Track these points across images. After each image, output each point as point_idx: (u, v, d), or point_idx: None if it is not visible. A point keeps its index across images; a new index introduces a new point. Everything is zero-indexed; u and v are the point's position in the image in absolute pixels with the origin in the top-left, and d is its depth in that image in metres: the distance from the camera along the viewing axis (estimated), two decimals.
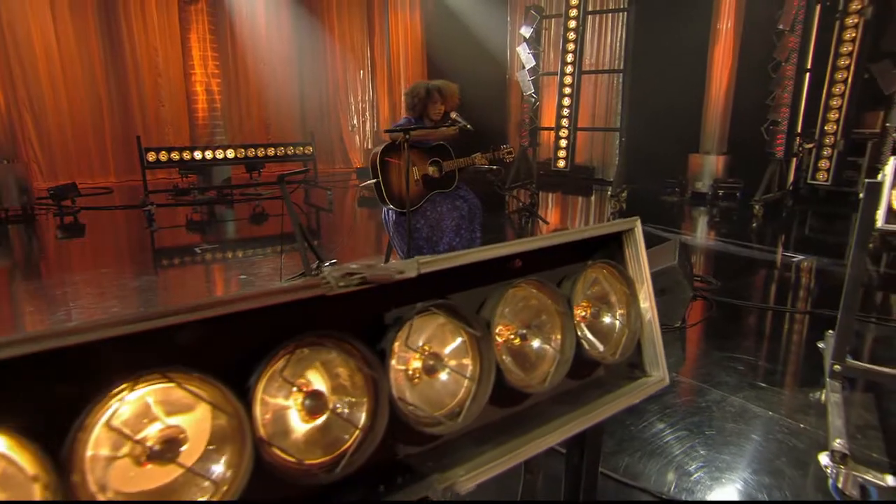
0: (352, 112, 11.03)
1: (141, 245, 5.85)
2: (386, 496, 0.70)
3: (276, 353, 0.62)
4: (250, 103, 9.45)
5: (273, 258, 5.18)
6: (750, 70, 7.42)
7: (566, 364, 0.87)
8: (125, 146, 8.23)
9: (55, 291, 4.17)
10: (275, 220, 6.76)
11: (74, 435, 0.52)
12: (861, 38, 6.60)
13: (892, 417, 2.64)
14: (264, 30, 9.24)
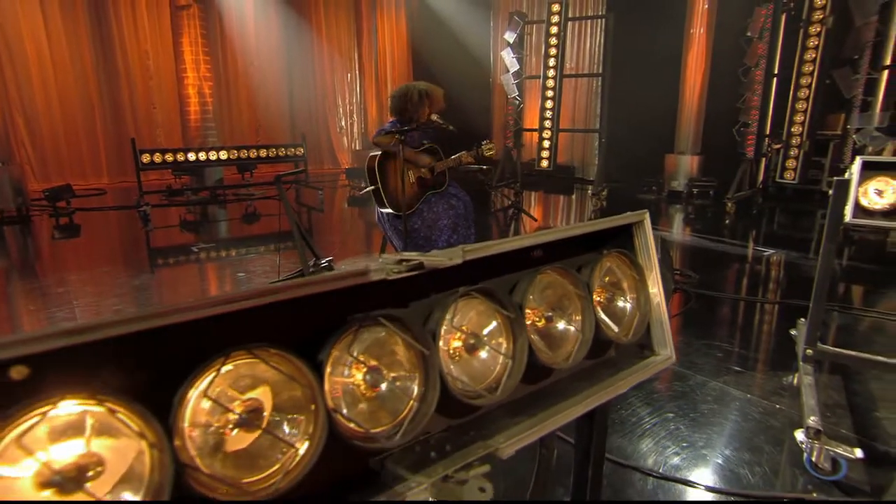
0: (340, 114, 11.02)
1: (139, 244, 5.80)
2: (438, 461, 0.75)
3: (344, 331, 0.68)
4: (241, 106, 9.39)
5: (267, 256, 5.19)
6: (721, 75, 7.61)
7: (587, 344, 0.93)
8: (117, 148, 8.13)
9: (57, 290, 4.13)
10: (266, 220, 6.75)
11: (177, 403, 0.56)
12: (823, 45, 6.82)
13: (857, 397, 2.77)
14: (254, 34, 9.18)
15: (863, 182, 2.38)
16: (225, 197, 7.74)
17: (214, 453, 0.59)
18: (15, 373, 0.54)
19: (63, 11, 7.56)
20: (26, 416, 0.50)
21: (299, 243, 4.33)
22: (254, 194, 7.73)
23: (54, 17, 7.50)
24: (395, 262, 0.72)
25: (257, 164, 7.59)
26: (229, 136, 9.02)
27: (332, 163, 10.99)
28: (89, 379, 0.54)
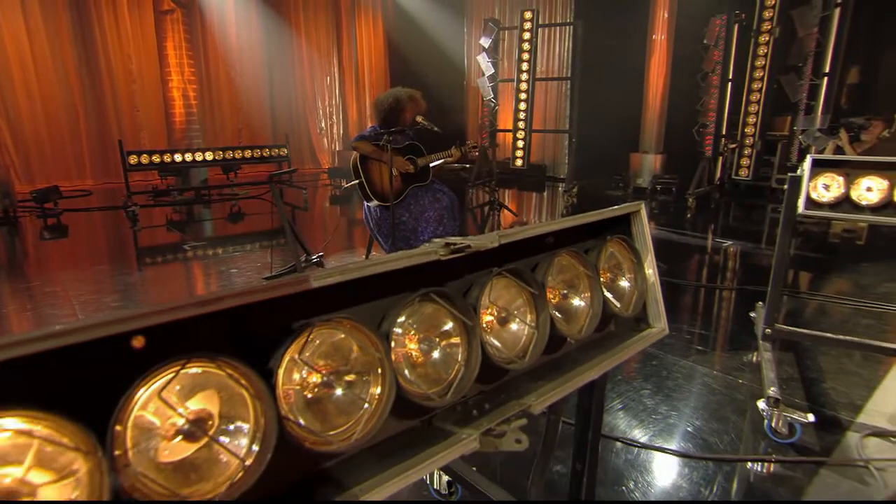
0: (320, 115, 10.94)
1: (130, 244, 5.70)
2: (480, 418, 0.84)
3: (405, 305, 0.76)
4: (223, 108, 9.24)
5: (255, 253, 5.18)
6: (682, 79, 7.87)
7: (597, 317, 1.03)
8: (101, 150, 7.93)
9: (55, 288, 4.05)
10: (252, 219, 6.70)
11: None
12: (771, 53, 7.14)
13: (808, 370, 2.97)
14: (236, 38, 9.05)
15: (813, 178, 2.56)
16: (210, 197, 7.64)
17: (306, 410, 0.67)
18: (135, 341, 0.61)
19: (45, 14, 7.31)
20: (162, 373, 0.56)
21: (291, 240, 4.35)
22: (238, 194, 7.65)
23: (36, 20, 7.25)
24: (443, 246, 0.80)
25: (241, 165, 7.51)
26: (212, 138, 8.88)
27: (314, 163, 10.92)
28: (204, 346, 0.61)
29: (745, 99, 7.30)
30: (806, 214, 2.54)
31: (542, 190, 9.44)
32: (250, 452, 0.61)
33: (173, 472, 0.57)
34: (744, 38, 7.42)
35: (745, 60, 7.35)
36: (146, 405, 0.56)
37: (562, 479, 2.04)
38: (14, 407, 0.49)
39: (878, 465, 2.12)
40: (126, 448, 0.55)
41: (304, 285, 0.66)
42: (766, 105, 7.21)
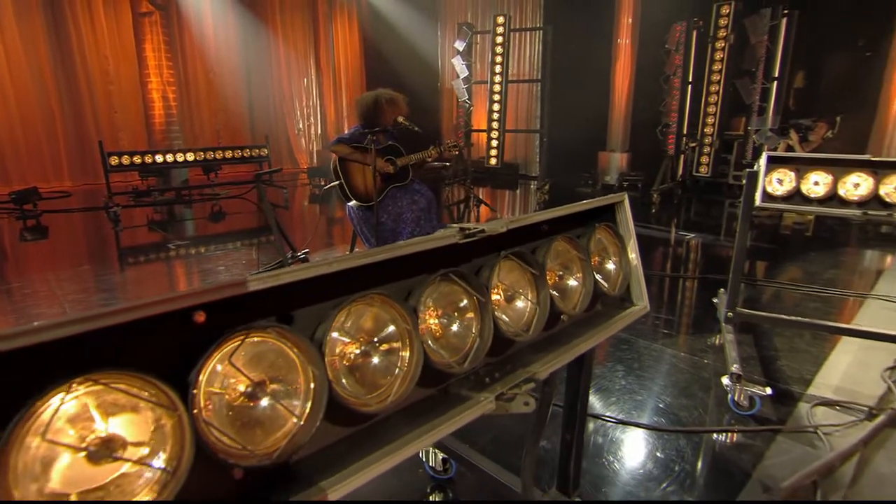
0: (297, 116, 10.84)
1: (112, 244, 5.57)
2: (492, 384, 0.92)
3: (428, 283, 0.83)
4: (202, 109, 9.06)
5: (239, 251, 5.15)
6: (646, 81, 8.11)
7: (588, 296, 1.13)
8: (79, 151, 7.68)
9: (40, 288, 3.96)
10: (233, 218, 6.63)
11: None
12: (726, 58, 7.43)
13: (765, 349, 3.16)
14: (213, 39, 8.88)
15: (768, 173, 2.73)
16: (191, 197, 7.51)
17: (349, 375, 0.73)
18: (198, 316, 0.67)
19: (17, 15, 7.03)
20: (230, 341, 0.62)
21: (278, 237, 4.34)
22: (219, 194, 7.55)
23: (9, 19, 6.97)
24: (459, 231, 0.88)
25: (222, 165, 7.41)
26: (192, 139, 8.71)
27: (292, 163, 10.82)
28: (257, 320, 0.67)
29: (704, 101, 7.58)
30: (762, 206, 2.71)
31: (516, 188, 9.58)
32: (304, 411, 0.67)
33: (241, 428, 0.63)
34: (702, 43, 7.70)
35: (703, 64, 7.63)
36: (217, 369, 0.62)
37: (547, 454, 2.13)
38: (114, 369, 0.54)
39: (825, 430, 2.30)
40: (201, 406, 0.60)
41: (351, 262, 0.72)
42: (723, 106, 7.50)
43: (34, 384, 0.51)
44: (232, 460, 0.61)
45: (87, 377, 0.53)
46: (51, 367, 0.52)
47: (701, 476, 2.11)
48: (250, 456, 0.63)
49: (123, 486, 0.55)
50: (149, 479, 0.56)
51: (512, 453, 2.11)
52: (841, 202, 2.61)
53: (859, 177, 2.55)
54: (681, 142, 7.84)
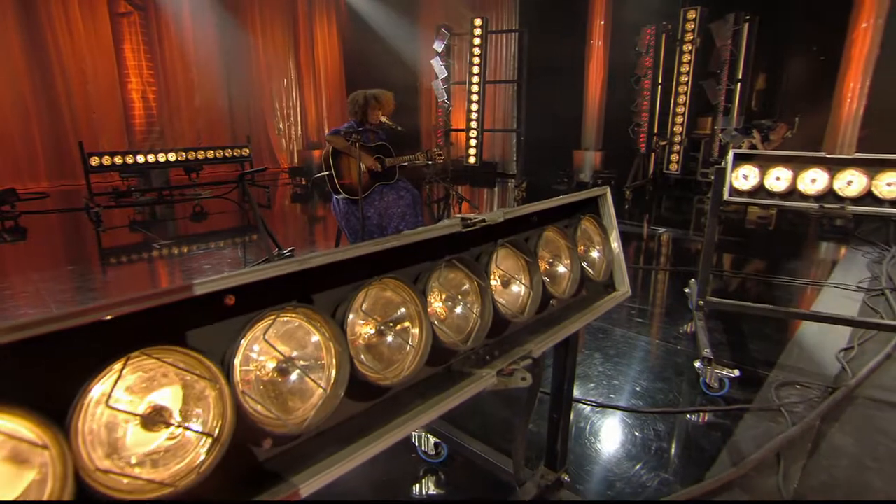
0: (278, 117, 10.74)
1: (95, 245, 5.46)
2: (491, 362, 0.99)
3: (434, 269, 0.89)
4: (182, 110, 8.90)
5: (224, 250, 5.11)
6: (618, 83, 8.30)
7: (576, 282, 1.20)
8: (56, 152, 7.47)
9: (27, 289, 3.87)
10: (216, 218, 6.56)
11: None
12: (694, 60, 7.66)
13: (733, 335, 3.31)
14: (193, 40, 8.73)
15: (734, 169, 2.87)
16: (172, 197, 7.40)
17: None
18: (228, 299, 0.71)
19: None
20: (264, 320, 0.67)
21: (263, 235, 4.34)
22: (200, 194, 7.45)
23: None
24: (460, 221, 0.94)
25: (204, 165, 7.31)
26: (172, 140, 8.56)
27: (273, 163, 10.72)
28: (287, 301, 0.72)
29: (673, 101, 7.80)
30: (730, 200, 2.85)
31: (494, 185, 9.69)
32: (330, 384, 0.72)
33: (274, 400, 0.68)
34: (670, 46, 7.92)
35: (671, 66, 7.85)
36: (252, 345, 0.67)
37: (532, 437, 2.22)
38: (164, 345, 0.59)
39: (787, 407, 2.44)
40: (237, 380, 0.65)
41: (366, 249, 0.78)
42: (691, 107, 7.74)
43: (97, 358, 0.55)
44: (268, 429, 0.67)
45: (142, 352, 0.57)
46: (111, 343, 0.57)
47: (675, 453, 2.22)
48: (283, 425, 0.68)
49: (174, 451, 0.60)
50: (196, 444, 0.61)
51: (499, 437, 2.19)
52: (800, 196, 2.76)
53: (816, 172, 2.70)
54: (652, 140, 8.05)
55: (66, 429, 0.52)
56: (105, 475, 0.55)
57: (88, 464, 0.54)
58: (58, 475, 0.52)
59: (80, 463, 0.53)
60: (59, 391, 0.54)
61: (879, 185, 2.54)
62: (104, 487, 0.54)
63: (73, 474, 0.52)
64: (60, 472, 0.52)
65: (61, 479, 0.52)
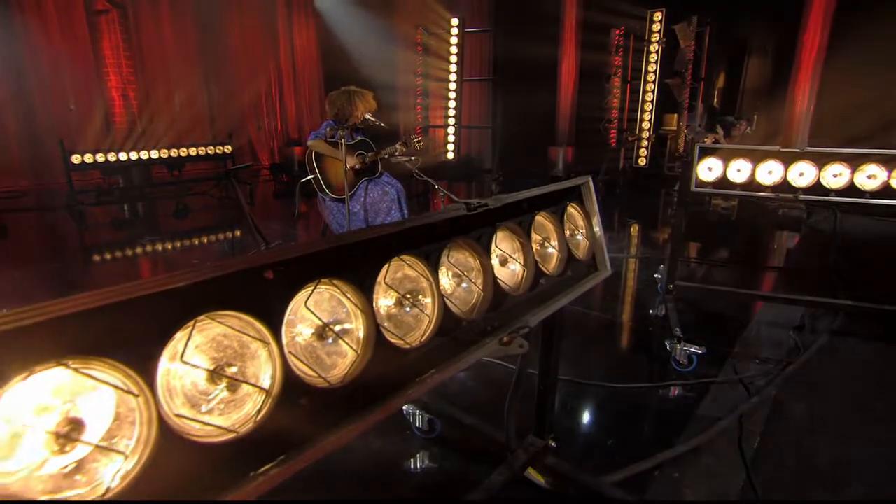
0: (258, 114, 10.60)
1: (83, 242, 5.35)
2: (493, 332, 1.09)
3: (445, 247, 0.98)
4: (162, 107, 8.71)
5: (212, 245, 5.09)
6: (589, 81, 8.47)
7: (564, 261, 1.31)
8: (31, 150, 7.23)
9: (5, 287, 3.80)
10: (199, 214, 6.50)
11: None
12: (660, 60, 7.90)
13: (699, 316, 3.49)
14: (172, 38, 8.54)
15: (699, 162, 3.03)
16: (155, 195, 7.27)
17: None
18: (268, 274, 0.79)
19: None
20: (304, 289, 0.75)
21: (253, 229, 4.34)
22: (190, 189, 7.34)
23: None
24: (465, 204, 1.03)
25: (186, 163, 7.21)
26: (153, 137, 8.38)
27: (253, 160, 10.58)
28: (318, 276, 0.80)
29: (641, 99, 8.04)
30: (696, 191, 3.01)
31: (471, 180, 9.79)
32: (360, 346, 0.81)
33: (316, 361, 0.77)
34: (638, 46, 8.14)
35: (639, 66, 8.07)
36: (296, 311, 0.75)
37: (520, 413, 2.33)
38: (224, 309, 0.66)
39: (748, 379, 2.63)
40: (284, 343, 0.73)
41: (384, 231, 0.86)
42: (658, 104, 7.98)
43: (174, 320, 0.63)
44: (309, 385, 0.75)
45: (207, 315, 0.65)
46: (183, 307, 0.64)
47: (649, 422, 2.37)
48: (323, 382, 0.76)
49: (235, 402, 0.68)
50: (252, 396, 0.69)
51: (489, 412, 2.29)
52: (758, 187, 2.94)
53: (772, 164, 2.88)
54: (622, 136, 8.28)
55: (151, 380, 0.60)
56: (181, 420, 0.62)
57: (168, 410, 0.61)
58: (145, 419, 0.59)
59: (161, 410, 0.60)
60: (144, 348, 0.61)
61: (826, 175, 2.73)
62: (181, 431, 0.62)
63: (157, 418, 0.60)
64: (147, 417, 0.59)
65: (148, 423, 0.59)
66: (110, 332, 0.59)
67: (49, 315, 0.54)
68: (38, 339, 0.54)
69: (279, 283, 0.77)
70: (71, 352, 0.56)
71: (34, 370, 0.53)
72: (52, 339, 0.55)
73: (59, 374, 0.55)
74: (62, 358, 0.55)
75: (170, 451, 0.61)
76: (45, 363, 0.54)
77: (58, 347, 0.55)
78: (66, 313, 0.55)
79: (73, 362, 0.55)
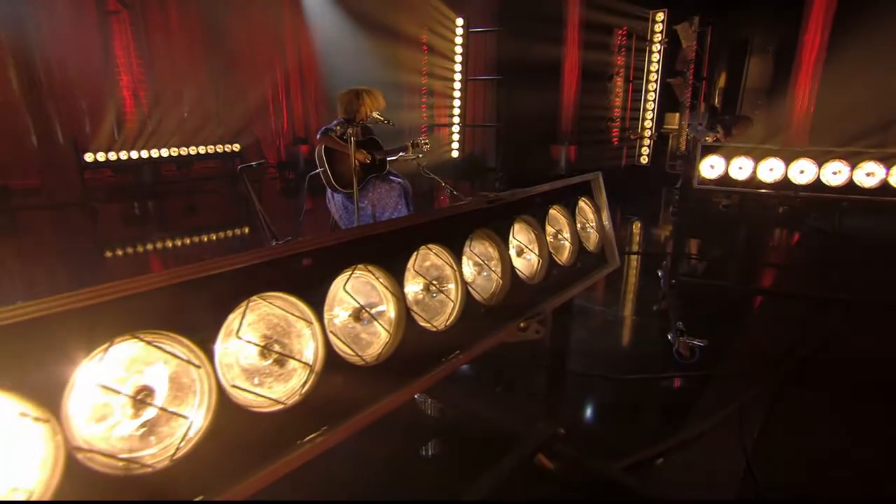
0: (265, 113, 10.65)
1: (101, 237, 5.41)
2: (511, 317, 1.14)
3: (465, 242, 1.03)
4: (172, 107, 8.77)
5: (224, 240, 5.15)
6: (592, 80, 8.49)
7: (576, 253, 1.36)
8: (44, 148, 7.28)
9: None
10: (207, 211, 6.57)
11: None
12: (662, 60, 7.93)
13: (701, 311, 3.52)
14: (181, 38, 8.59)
15: (702, 160, 3.08)
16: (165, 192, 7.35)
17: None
18: (305, 261, 0.84)
19: None
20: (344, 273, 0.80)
21: (264, 225, 4.40)
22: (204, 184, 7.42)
23: None
24: (484, 198, 1.09)
25: (195, 161, 7.29)
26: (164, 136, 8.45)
27: (259, 157, 10.63)
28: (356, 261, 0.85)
29: (644, 98, 8.06)
30: (699, 188, 3.06)
31: (476, 178, 9.82)
32: (392, 327, 0.86)
33: (353, 340, 0.82)
34: (640, 46, 8.16)
35: (642, 66, 8.10)
36: (335, 294, 0.80)
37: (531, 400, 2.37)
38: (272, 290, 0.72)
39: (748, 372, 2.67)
40: (325, 322, 0.79)
41: (412, 221, 0.92)
42: (660, 103, 8.01)
43: (230, 298, 0.68)
44: (348, 361, 0.80)
45: (258, 295, 0.70)
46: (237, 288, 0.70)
47: (653, 412, 2.42)
48: (360, 360, 0.82)
49: (284, 374, 0.73)
50: (297, 371, 0.74)
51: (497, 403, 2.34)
52: (759, 184, 2.99)
53: (773, 162, 2.93)
54: (624, 134, 8.30)
55: (211, 353, 0.65)
56: (237, 391, 0.68)
57: (226, 381, 0.66)
58: (205, 389, 0.65)
59: (220, 380, 0.66)
60: (204, 324, 0.66)
61: (826, 173, 2.78)
62: (237, 400, 0.67)
63: (217, 388, 0.65)
64: (208, 386, 0.65)
65: (209, 392, 0.65)
66: (175, 310, 0.64)
67: (124, 293, 0.59)
68: (116, 314, 0.59)
69: (318, 269, 0.82)
70: (142, 326, 0.61)
71: (115, 341, 0.58)
72: (127, 314, 0.60)
73: (133, 345, 0.60)
74: (135, 331, 0.60)
75: (227, 418, 0.67)
76: (122, 336, 0.59)
77: (131, 322, 0.61)
78: (138, 291, 0.60)
79: (145, 335, 0.61)
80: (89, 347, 0.57)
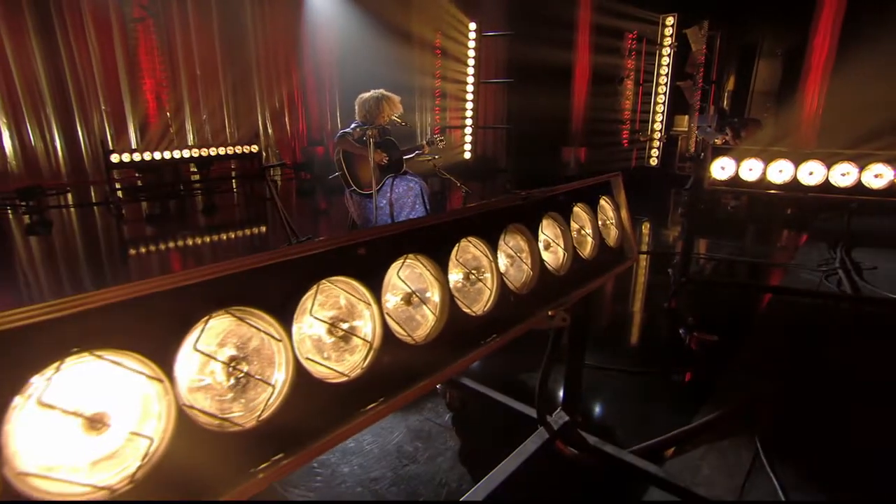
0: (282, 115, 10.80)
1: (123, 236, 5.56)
2: (539, 306, 1.21)
3: (500, 235, 1.11)
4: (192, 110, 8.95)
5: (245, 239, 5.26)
6: (603, 83, 8.53)
7: (597, 248, 1.43)
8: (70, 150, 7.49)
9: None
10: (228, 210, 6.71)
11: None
12: (672, 63, 7.94)
13: (712, 306, 3.57)
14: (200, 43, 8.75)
15: (713, 161, 3.12)
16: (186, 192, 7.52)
17: None
18: (360, 250, 0.92)
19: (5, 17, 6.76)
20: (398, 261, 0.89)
21: (286, 223, 4.51)
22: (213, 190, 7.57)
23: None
24: (518, 196, 1.16)
25: (214, 162, 7.45)
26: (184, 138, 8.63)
27: (275, 158, 10.78)
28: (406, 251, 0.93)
29: (653, 100, 8.08)
30: (710, 188, 3.10)
31: (488, 178, 9.89)
32: (437, 312, 0.94)
33: (405, 322, 0.90)
34: (650, 50, 8.18)
35: (652, 69, 8.12)
36: (388, 280, 0.89)
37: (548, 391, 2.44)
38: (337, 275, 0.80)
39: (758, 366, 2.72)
40: (382, 302, 0.87)
41: (451, 216, 0.99)
42: (669, 106, 8.03)
43: (305, 281, 0.76)
44: (400, 340, 0.88)
45: (327, 279, 0.78)
46: (307, 273, 0.78)
47: (665, 403, 2.48)
48: (411, 339, 0.90)
49: (348, 349, 0.81)
50: (359, 347, 0.82)
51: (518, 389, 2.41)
52: (769, 186, 3.03)
53: (782, 164, 2.97)
54: (634, 136, 8.33)
55: (289, 328, 0.74)
56: (309, 363, 0.76)
57: (300, 354, 0.75)
58: (284, 361, 0.73)
59: (297, 353, 0.74)
60: (284, 303, 0.75)
61: (835, 174, 2.81)
62: (310, 372, 0.76)
63: (294, 360, 0.74)
64: (285, 358, 0.73)
65: (286, 363, 0.73)
66: (261, 289, 0.72)
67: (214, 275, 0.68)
68: (209, 293, 0.67)
69: (373, 257, 0.90)
70: (234, 302, 0.70)
71: (212, 315, 0.66)
72: (216, 292, 0.68)
73: (226, 320, 0.69)
74: (229, 307, 0.68)
75: (301, 387, 0.75)
76: (218, 312, 0.67)
77: (224, 298, 0.69)
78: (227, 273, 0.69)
79: (236, 311, 0.69)
80: (192, 321, 0.65)
